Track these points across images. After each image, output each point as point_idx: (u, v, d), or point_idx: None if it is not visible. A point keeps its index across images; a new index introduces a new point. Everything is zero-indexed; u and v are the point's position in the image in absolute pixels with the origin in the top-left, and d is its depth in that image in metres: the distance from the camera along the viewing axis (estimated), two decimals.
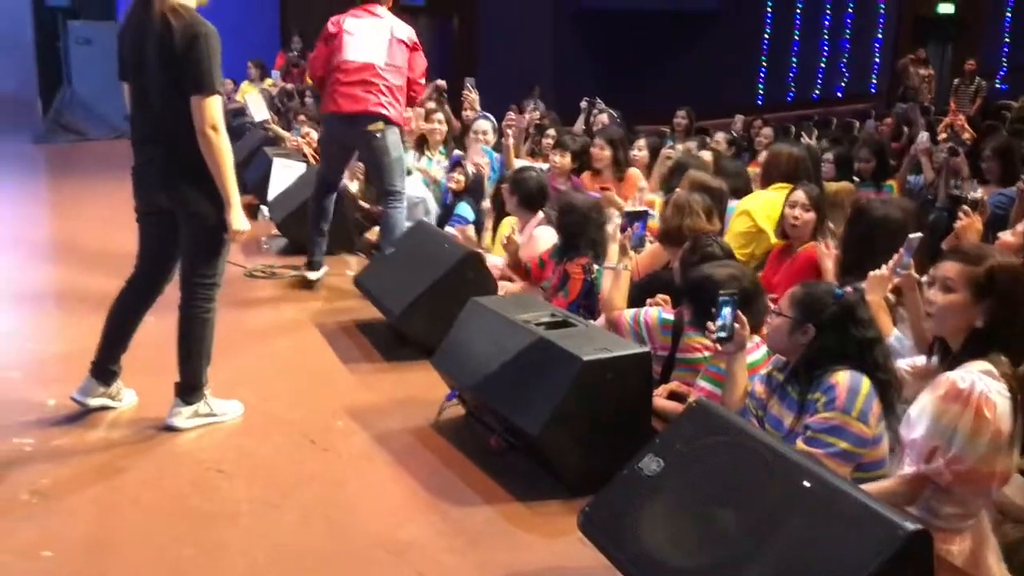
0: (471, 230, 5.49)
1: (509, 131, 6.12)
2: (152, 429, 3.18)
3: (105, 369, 3.29)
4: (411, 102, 5.11)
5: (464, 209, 5.57)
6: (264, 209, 6.50)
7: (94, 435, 3.15)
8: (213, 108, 2.97)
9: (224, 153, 3.00)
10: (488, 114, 6.20)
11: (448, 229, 5.33)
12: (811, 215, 3.88)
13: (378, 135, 4.73)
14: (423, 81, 5.10)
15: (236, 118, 9.80)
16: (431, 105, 8.28)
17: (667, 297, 3.57)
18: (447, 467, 2.99)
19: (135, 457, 3.00)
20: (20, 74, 11.25)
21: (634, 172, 5.53)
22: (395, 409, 3.44)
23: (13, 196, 8.07)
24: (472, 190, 5.64)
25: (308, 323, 4.47)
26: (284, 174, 6.70)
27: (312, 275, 5.03)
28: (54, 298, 5.06)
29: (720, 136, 6.65)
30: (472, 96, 8.29)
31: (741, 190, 4.84)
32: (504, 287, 4.45)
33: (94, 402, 3.29)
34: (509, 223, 4.96)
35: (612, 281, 3.56)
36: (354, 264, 5.65)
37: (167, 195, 3.09)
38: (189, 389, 3.21)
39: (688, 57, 17.24)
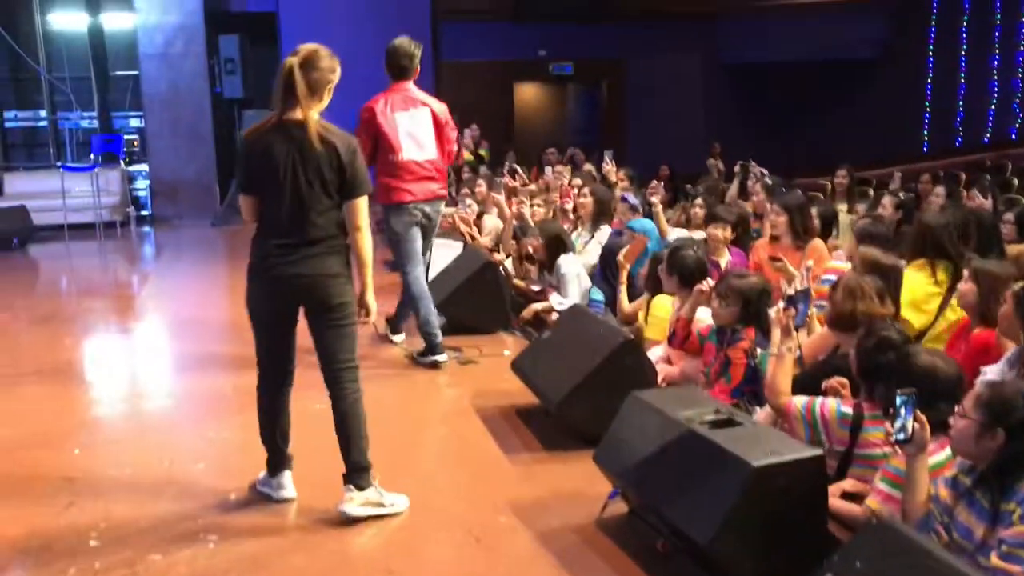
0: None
1: (655, 198, 6.11)
2: (323, 522, 3.28)
3: (281, 461, 3.50)
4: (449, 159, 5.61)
5: (596, 292, 5.61)
6: None
7: (271, 528, 3.28)
8: (366, 207, 3.38)
9: (370, 245, 3.38)
10: (628, 195, 6.18)
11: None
12: (969, 286, 3.63)
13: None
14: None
15: None
16: (577, 180, 8.39)
17: (844, 381, 3.40)
18: (613, 571, 2.93)
19: (310, 553, 3.10)
20: (200, 161, 12.14)
21: (818, 245, 5.26)
22: (558, 504, 3.42)
23: (193, 278, 8.67)
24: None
25: (468, 408, 4.53)
26: (443, 254, 6.88)
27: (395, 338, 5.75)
28: (232, 383, 5.34)
29: (887, 200, 6.35)
30: (610, 168, 8.33)
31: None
32: (663, 370, 4.38)
33: (280, 494, 3.48)
34: (663, 302, 4.86)
35: (776, 366, 3.42)
36: (510, 343, 5.72)
37: (316, 289, 3.31)
38: (358, 471, 3.33)
39: (845, 106, 16.75)
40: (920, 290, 4.19)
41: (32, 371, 5.46)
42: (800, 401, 3.25)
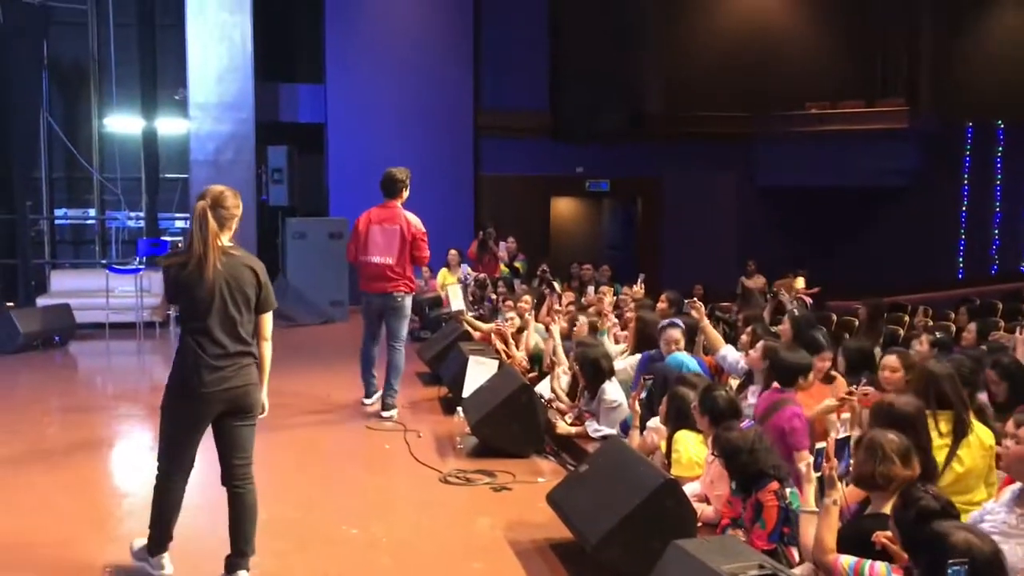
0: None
1: (695, 312, 6.13)
2: None
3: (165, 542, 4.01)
4: (418, 262, 7.34)
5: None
6: (460, 410, 6.67)
7: None
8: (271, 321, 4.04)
9: (271, 346, 4.03)
10: (677, 320, 6.15)
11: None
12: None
13: (398, 299, 7.01)
14: (426, 252, 7.20)
15: (432, 309, 10.31)
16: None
17: (891, 535, 3.31)
18: None
19: None
20: None
21: (842, 383, 5.18)
22: None
23: None
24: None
25: (501, 540, 4.47)
26: (478, 371, 6.89)
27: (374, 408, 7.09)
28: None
29: (924, 338, 6.27)
30: (638, 291, 8.39)
31: None
32: (701, 509, 4.31)
33: (159, 573, 4.00)
34: (688, 439, 4.77)
35: (822, 521, 3.35)
36: (544, 469, 5.68)
37: (244, 394, 3.89)
38: (246, 556, 3.91)
39: (879, 232, 16.85)
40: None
41: (60, 464, 5.51)
42: (848, 561, 3.17)
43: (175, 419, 3.89)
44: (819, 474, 3.50)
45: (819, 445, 3.80)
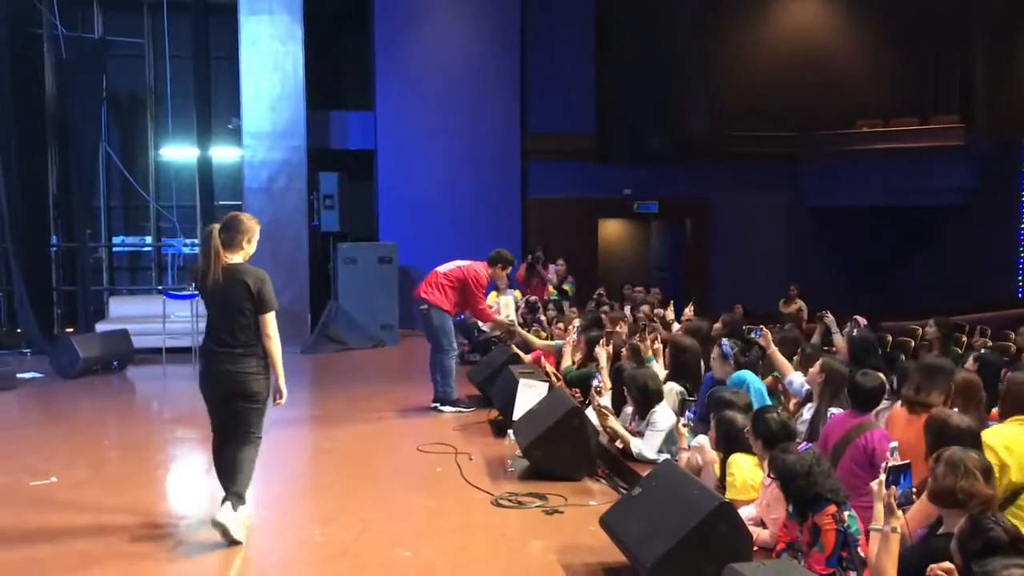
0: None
1: (762, 341, 6.05)
2: None
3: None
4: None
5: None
6: (511, 433, 6.67)
7: None
8: (274, 320, 4.83)
9: (278, 347, 4.84)
10: (726, 341, 6.11)
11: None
12: None
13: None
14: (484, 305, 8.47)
15: (481, 333, 10.35)
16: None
17: (950, 567, 3.23)
18: None
19: None
20: (294, 291, 12.51)
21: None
22: None
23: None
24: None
25: (555, 563, 4.45)
26: (529, 394, 6.90)
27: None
28: (319, 526, 5.36)
29: (972, 358, 6.11)
30: (689, 312, 8.35)
31: None
32: (755, 534, 4.26)
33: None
34: (741, 462, 4.72)
35: (881, 546, 3.29)
36: (596, 491, 5.66)
37: (242, 381, 4.77)
38: (239, 497, 4.76)
39: (933, 251, 16.53)
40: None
41: (120, 487, 5.61)
42: None
43: (203, 397, 4.92)
44: None
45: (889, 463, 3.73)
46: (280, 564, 4.60)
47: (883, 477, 3.51)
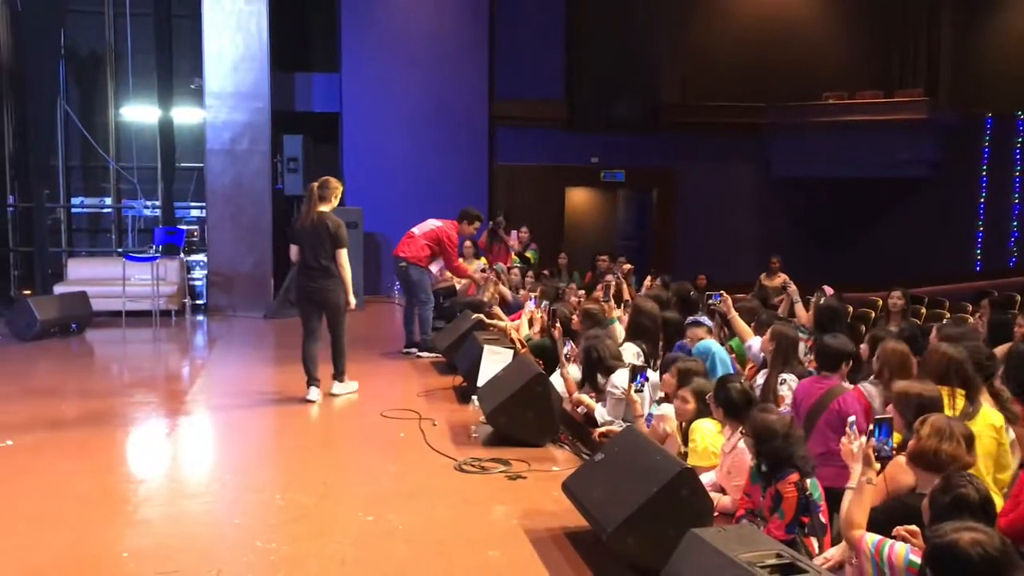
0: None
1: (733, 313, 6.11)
2: None
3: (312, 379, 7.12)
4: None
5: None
6: (475, 399, 6.67)
7: None
8: (346, 253, 6.97)
9: (349, 270, 7.05)
10: (700, 319, 6.14)
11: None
12: None
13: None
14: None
15: (447, 298, 10.31)
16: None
17: (916, 530, 3.27)
18: None
19: None
20: (257, 255, 12.40)
21: None
22: None
23: (243, 369, 8.76)
24: None
25: (517, 528, 4.46)
26: (493, 360, 6.90)
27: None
28: (280, 491, 5.34)
29: (936, 329, 6.18)
30: (649, 285, 8.40)
31: None
32: (716, 500, 4.30)
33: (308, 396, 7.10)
34: (704, 428, 4.75)
35: (854, 498, 3.34)
36: (559, 457, 5.67)
37: (325, 294, 7.00)
38: (341, 373, 7.23)
39: (896, 222, 16.74)
40: None
41: (78, 450, 5.54)
42: (872, 539, 3.16)
43: (297, 305, 7.35)
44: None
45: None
46: (240, 527, 4.56)
47: (863, 440, 3.52)
